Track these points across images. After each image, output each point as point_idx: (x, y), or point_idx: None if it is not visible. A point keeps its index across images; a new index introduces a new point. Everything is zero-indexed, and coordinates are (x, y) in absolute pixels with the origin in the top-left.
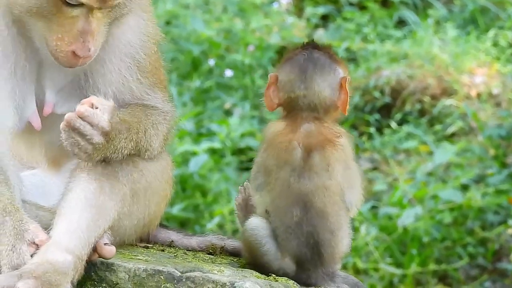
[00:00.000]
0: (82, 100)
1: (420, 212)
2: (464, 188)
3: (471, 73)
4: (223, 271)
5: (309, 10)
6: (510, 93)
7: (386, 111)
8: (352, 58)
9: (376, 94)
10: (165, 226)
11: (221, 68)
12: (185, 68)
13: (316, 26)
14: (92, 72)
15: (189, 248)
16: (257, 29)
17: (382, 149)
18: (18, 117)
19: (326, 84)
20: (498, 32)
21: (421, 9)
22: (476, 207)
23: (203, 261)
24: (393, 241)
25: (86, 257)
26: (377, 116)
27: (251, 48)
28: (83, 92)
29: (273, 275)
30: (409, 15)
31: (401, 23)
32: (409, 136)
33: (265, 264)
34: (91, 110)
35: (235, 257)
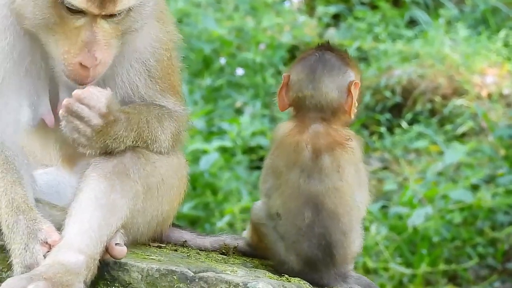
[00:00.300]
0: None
1: (430, 212)
2: (474, 188)
3: (482, 73)
4: (236, 271)
5: (320, 9)
6: None
7: (397, 110)
8: (363, 58)
9: (387, 93)
10: (178, 226)
11: (232, 67)
12: (196, 66)
13: (327, 25)
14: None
15: (202, 248)
16: (268, 28)
17: (393, 149)
18: (33, 115)
19: (334, 86)
20: (509, 32)
21: (432, 9)
22: (486, 207)
23: (216, 261)
24: (403, 240)
25: (99, 256)
26: (388, 115)
27: (262, 47)
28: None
29: (286, 276)
30: (420, 14)
31: (412, 22)
32: (419, 135)
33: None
34: (88, 93)
35: (248, 257)
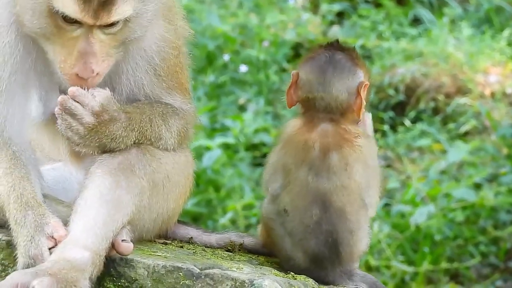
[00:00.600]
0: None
1: (432, 210)
2: (477, 187)
3: (485, 72)
4: (242, 268)
5: (324, 7)
6: None
7: (400, 108)
8: (367, 56)
9: (391, 91)
10: (184, 223)
11: (236, 64)
12: (200, 62)
13: (331, 23)
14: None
15: (207, 245)
16: (272, 25)
17: (396, 147)
18: (43, 109)
19: (344, 88)
20: None
21: (436, 8)
22: (489, 206)
23: (222, 258)
24: (405, 239)
25: (105, 253)
26: (391, 113)
27: (266, 44)
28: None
29: (292, 273)
30: (424, 13)
31: (416, 21)
32: (422, 134)
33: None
34: (83, 91)
35: (254, 254)
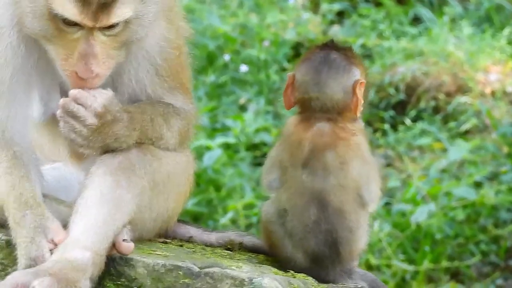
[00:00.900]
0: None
1: (433, 209)
2: (478, 185)
3: (485, 71)
4: (241, 267)
5: (324, 6)
6: None
7: (400, 107)
8: (368, 55)
9: (391, 90)
10: (184, 221)
11: (236, 63)
12: (200, 62)
13: (331, 22)
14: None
15: (207, 244)
16: (272, 25)
17: (396, 146)
18: (44, 109)
19: (340, 88)
20: None
21: (436, 7)
22: (489, 205)
23: (221, 257)
24: (406, 237)
25: (106, 252)
26: (391, 112)
27: (266, 44)
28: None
29: (292, 272)
30: (424, 12)
31: (416, 20)
32: (423, 133)
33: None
34: (84, 93)
35: (253, 253)
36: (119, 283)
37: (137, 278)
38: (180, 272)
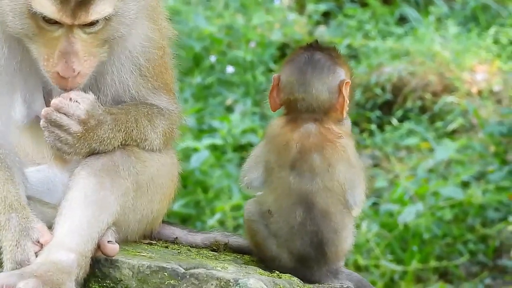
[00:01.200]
0: (61, 95)
1: (421, 209)
2: (465, 185)
3: (472, 70)
4: (227, 268)
5: (310, 7)
6: (511, 90)
7: (387, 108)
8: (354, 55)
9: (378, 91)
10: (169, 223)
11: (223, 65)
12: (186, 64)
13: (317, 23)
14: (95, 71)
15: (193, 245)
16: (258, 26)
17: (383, 146)
18: (27, 111)
19: (325, 88)
20: (499, 29)
21: (422, 6)
22: (477, 204)
23: (207, 258)
24: (394, 237)
25: (91, 254)
26: (378, 113)
27: (252, 45)
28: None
29: (277, 272)
30: (410, 12)
31: (402, 20)
32: (410, 133)
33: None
34: (65, 101)
35: (239, 254)
36: (105, 284)
37: (122, 280)
38: (165, 274)
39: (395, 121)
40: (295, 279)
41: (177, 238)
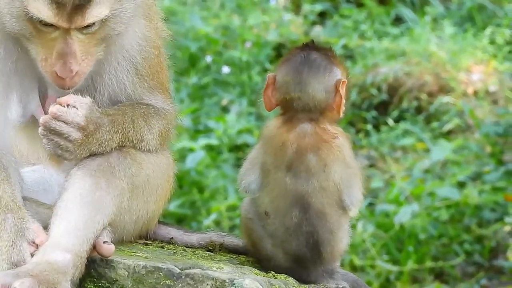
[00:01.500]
0: (58, 99)
1: (416, 209)
2: (461, 185)
3: (468, 71)
4: (222, 268)
5: (306, 7)
6: (507, 90)
7: (383, 108)
8: (349, 55)
9: (373, 91)
10: (165, 223)
11: (219, 65)
12: (182, 64)
13: (313, 23)
14: (92, 70)
15: (188, 245)
16: (254, 26)
17: (379, 146)
18: (22, 111)
19: (321, 87)
20: (495, 29)
21: (418, 7)
22: (473, 205)
23: (202, 258)
24: (389, 238)
25: (86, 254)
26: (374, 113)
27: (248, 45)
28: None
29: (273, 272)
30: (406, 12)
31: (398, 20)
32: (406, 133)
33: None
34: (63, 109)
35: (234, 254)
36: (100, 285)
37: (118, 280)
38: (161, 274)
39: (391, 121)
40: (291, 279)
41: (172, 238)
